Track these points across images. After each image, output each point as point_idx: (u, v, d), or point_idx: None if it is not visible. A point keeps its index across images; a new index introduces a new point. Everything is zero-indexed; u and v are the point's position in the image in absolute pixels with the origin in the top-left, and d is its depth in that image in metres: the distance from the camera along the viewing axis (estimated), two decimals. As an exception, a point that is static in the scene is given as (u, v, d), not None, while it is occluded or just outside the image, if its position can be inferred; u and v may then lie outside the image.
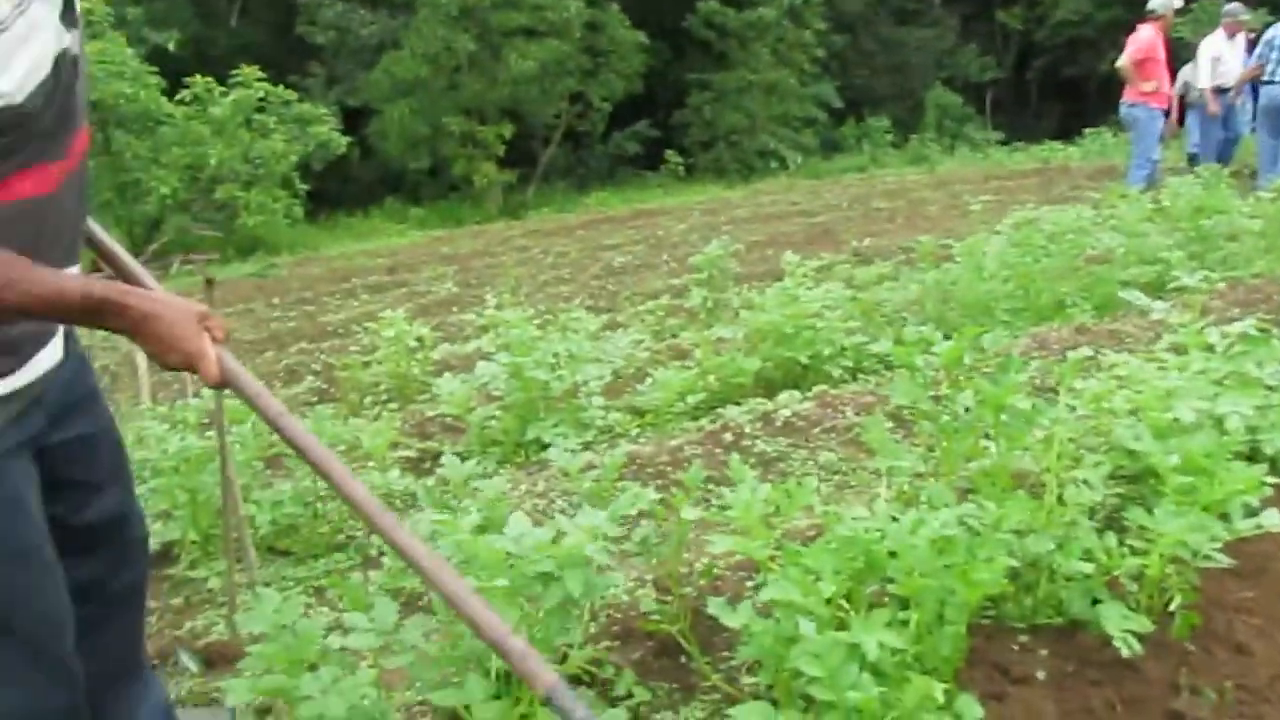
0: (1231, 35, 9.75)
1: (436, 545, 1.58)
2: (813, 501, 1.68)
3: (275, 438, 3.58)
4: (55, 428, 1.42)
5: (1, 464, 1.29)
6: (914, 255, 6.94)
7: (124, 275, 1.48)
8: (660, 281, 7.17)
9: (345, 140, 12.82)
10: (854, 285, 5.33)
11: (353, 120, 15.49)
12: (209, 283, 2.20)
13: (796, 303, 4.14)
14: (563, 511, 2.93)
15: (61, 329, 1.41)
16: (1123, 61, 9.17)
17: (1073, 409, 2.51)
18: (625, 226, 10.89)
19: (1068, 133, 18.61)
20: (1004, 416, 1.95)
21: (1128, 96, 9.34)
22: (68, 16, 1.26)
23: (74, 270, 1.35)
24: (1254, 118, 9.75)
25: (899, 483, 2.17)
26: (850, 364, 4.15)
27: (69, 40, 1.26)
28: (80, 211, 1.40)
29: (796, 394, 3.79)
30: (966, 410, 2.00)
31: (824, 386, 3.87)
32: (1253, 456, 2.36)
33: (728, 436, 3.40)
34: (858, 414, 3.58)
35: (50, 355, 1.38)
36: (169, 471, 2.75)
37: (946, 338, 4.46)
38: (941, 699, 1.43)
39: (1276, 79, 8.68)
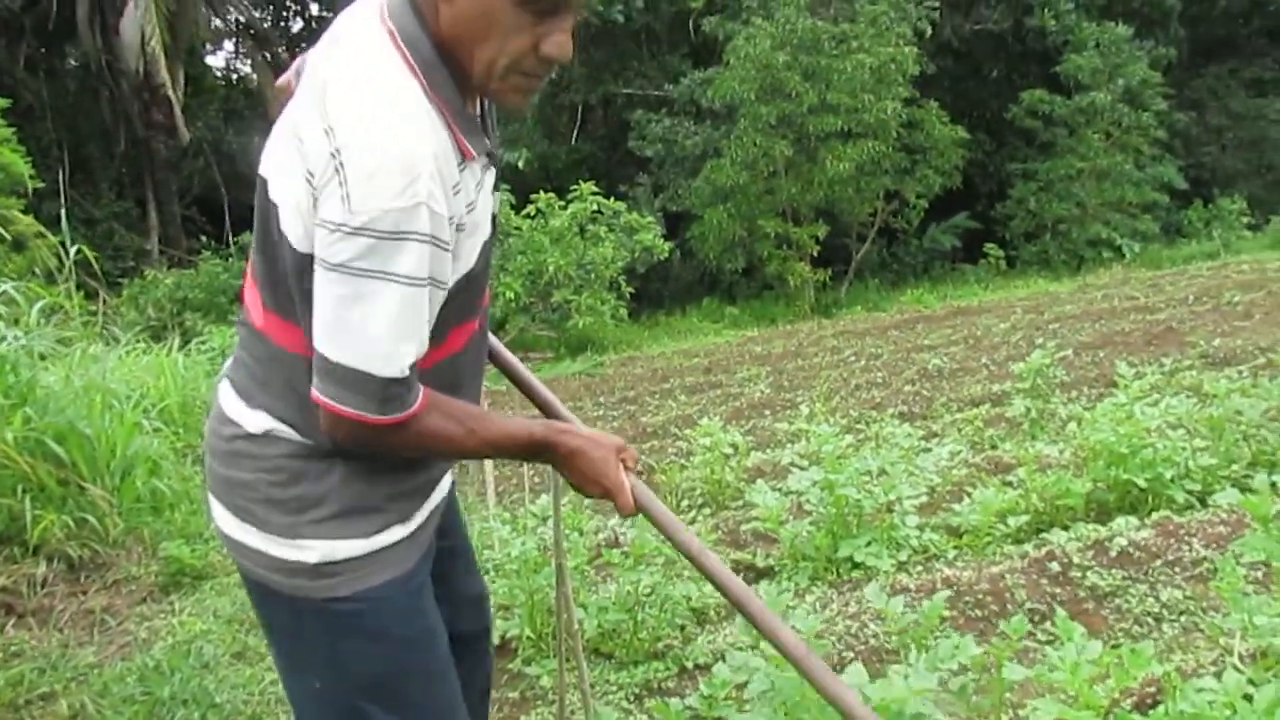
0: None
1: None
2: (1146, 669, 1.59)
3: (601, 541, 3.89)
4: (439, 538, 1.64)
5: (423, 597, 1.52)
6: (1275, 358, 6.21)
7: (536, 401, 1.72)
8: (979, 387, 6.92)
9: (667, 245, 13.65)
10: (1202, 395, 4.88)
11: (674, 224, 16.50)
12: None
13: (1132, 419, 3.87)
14: (875, 637, 2.93)
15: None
16: None
17: None
18: (941, 325, 10.63)
19: None
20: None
21: None
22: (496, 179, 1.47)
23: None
24: None
25: (1257, 644, 1.99)
26: (1198, 487, 3.79)
27: (496, 203, 1.49)
28: (484, 353, 1.62)
29: (1134, 520, 3.53)
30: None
31: (1166, 513, 3.57)
32: None
33: (1054, 566, 3.23)
34: (1207, 547, 3.28)
35: (444, 488, 1.64)
36: (510, 573, 3.08)
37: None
38: None
39: None
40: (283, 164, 1.31)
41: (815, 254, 15.10)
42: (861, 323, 12.04)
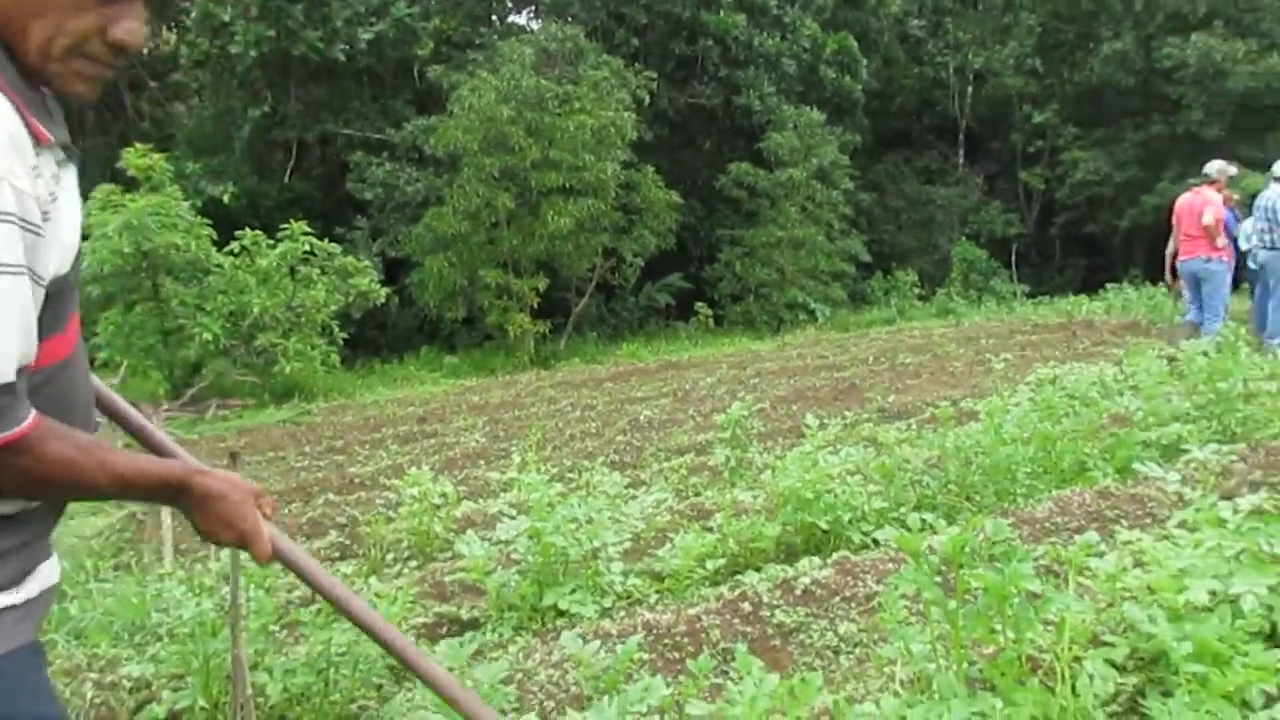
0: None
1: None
2: (816, 699, 1.68)
3: (288, 599, 3.62)
4: None
5: (42, 677, 1.32)
6: (938, 412, 6.98)
7: (151, 445, 1.57)
8: (685, 437, 7.23)
9: (385, 291, 13.27)
10: (877, 445, 5.37)
11: (394, 270, 16.10)
12: (233, 456, 2.29)
13: (816, 467, 4.18)
14: (576, 684, 2.92)
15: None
16: (1209, 219, 9.49)
17: (1083, 590, 2.50)
18: (654, 378, 11.05)
19: (1090, 287, 18.90)
20: (1012, 604, 1.96)
21: (1202, 252, 9.62)
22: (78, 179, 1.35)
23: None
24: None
25: (914, 669, 2.16)
26: (872, 528, 4.14)
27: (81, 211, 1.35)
28: (89, 382, 1.44)
29: (817, 560, 3.79)
30: (971, 598, 2.01)
31: (845, 553, 3.86)
32: (1271, 636, 2.33)
33: (746, 606, 3.38)
34: (878, 582, 3.56)
35: (53, 571, 1.37)
36: (183, 637, 2.79)
37: (968, 500, 4.49)
38: None
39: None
40: None
41: (535, 306, 15.29)
42: (579, 374, 12.27)
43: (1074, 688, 1.97)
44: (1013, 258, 23.24)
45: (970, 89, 25.03)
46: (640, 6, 18.24)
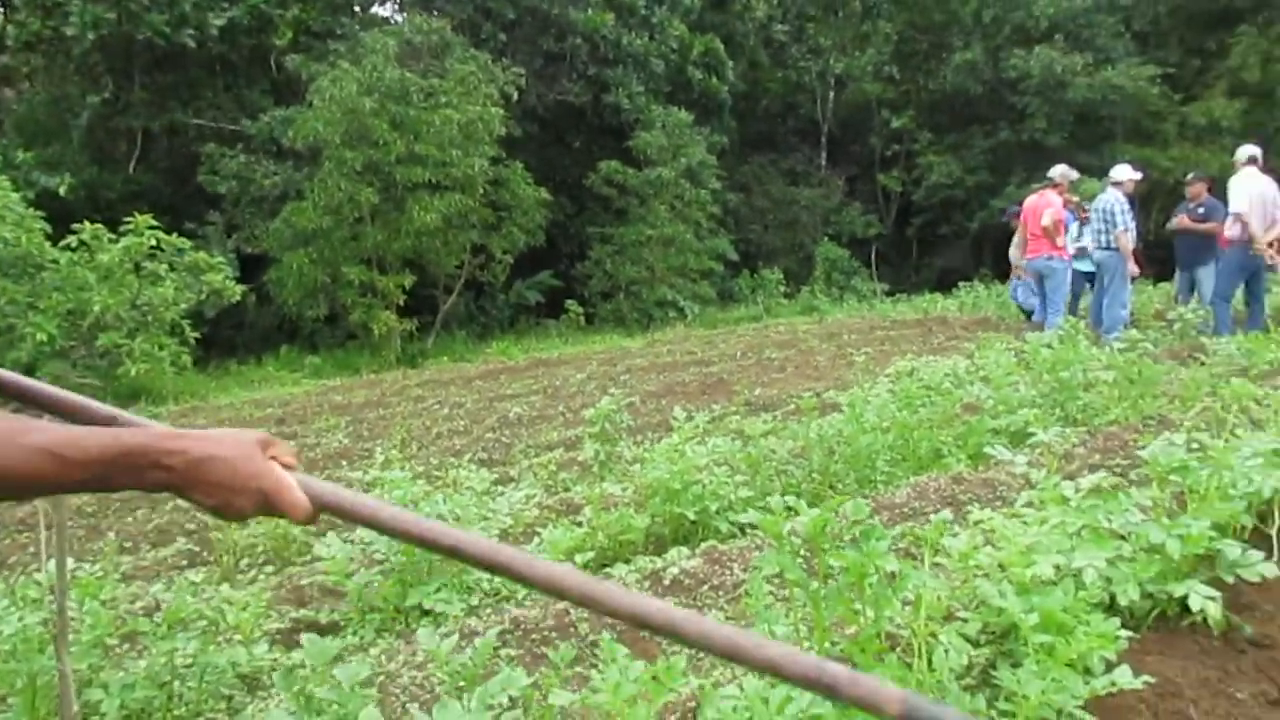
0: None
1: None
2: (679, 681, 1.67)
3: (129, 610, 3.39)
4: None
5: None
6: (802, 404, 7.15)
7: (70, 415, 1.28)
8: (556, 433, 7.17)
9: (240, 288, 12.69)
10: (744, 437, 5.44)
11: (251, 267, 15.41)
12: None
13: (684, 458, 4.20)
14: (441, 683, 2.83)
15: None
16: (1047, 221, 9.99)
17: (939, 569, 2.58)
18: (524, 376, 10.94)
19: (945, 285, 19.79)
20: (870, 582, 1.99)
21: (1044, 251, 10.15)
22: None
23: None
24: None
25: (776, 649, 2.18)
26: (739, 518, 4.19)
27: None
28: None
29: (685, 551, 3.80)
30: (832, 578, 2.04)
31: (712, 542, 3.89)
32: (1111, 606, 2.46)
33: (614, 597, 3.35)
34: (745, 570, 3.60)
35: None
36: (5, 655, 2.57)
37: (831, 488, 4.60)
38: None
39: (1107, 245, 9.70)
40: None
41: (402, 303, 14.92)
42: (447, 373, 12.03)
43: (930, 661, 2.01)
44: (872, 257, 24.10)
45: (832, 94, 25.83)
46: (507, 2, 18.06)
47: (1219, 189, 10.01)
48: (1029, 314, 11.72)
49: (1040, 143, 22.10)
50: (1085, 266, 10.88)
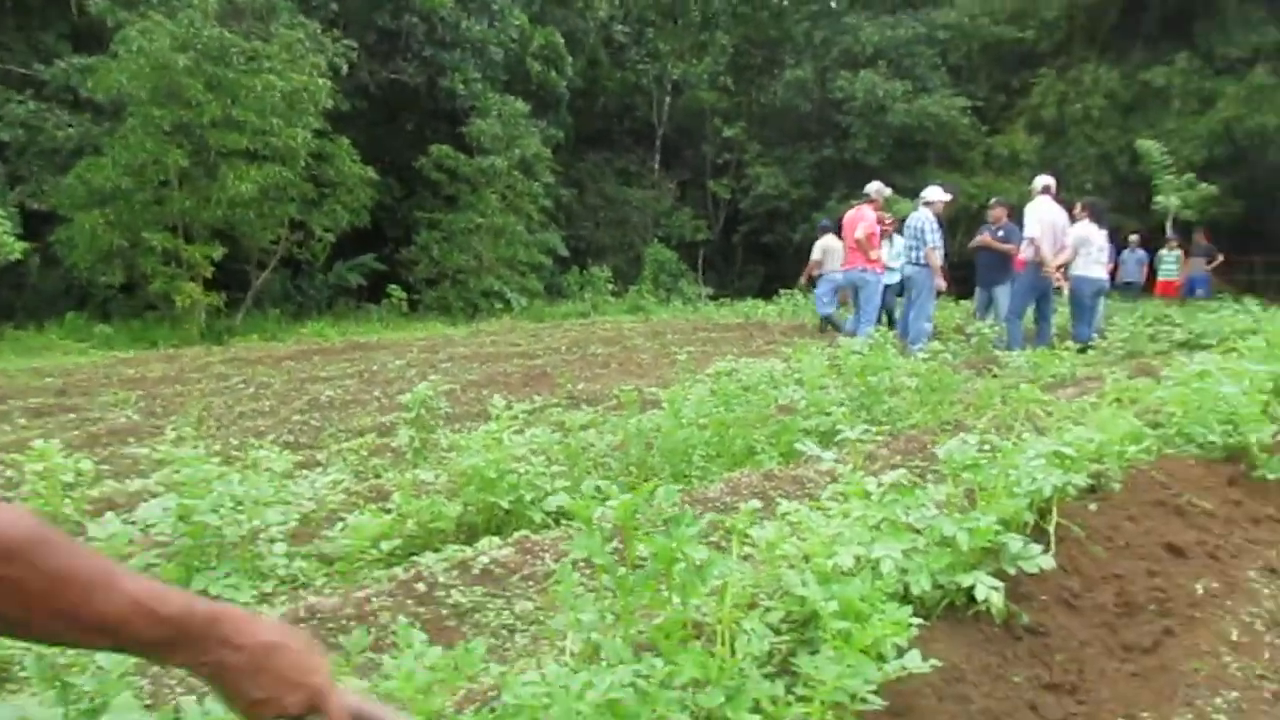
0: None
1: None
2: (479, 667, 1.59)
3: None
4: None
5: None
6: (624, 399, 7.18)
7: None
8: (369, 418, 6.90)
9: (21, 245, 11.58)
10: (564, 428, 5.40)
11: (36, 224, 14.03)
12: None
13: (501, 446, 4.11)
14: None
15: None
16: (860, 234, 10.39)
17: (747, 558, 2.61)
18: (339, 359, 10.50)
19: (767, 292, 20.47)
20: (678, 570, 1.98)
21: (858, 263, 10.56)
22: None
23: None
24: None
25: (583, 638, 2.14)
26: (554, 509, 4.13)
27: None
28: None
29: (496, 540, 3.71)
30: (641, 564, 2.01)
31: (525, 532, 3.82)
32: (905, 597, 2.56)
33: (421, 586, 3.23)
34: (558, 560, 3.55)
35: None
36: None
37: (647, 481, 4.62)
38: None
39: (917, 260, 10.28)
40: None
41: (210, 276, 14.01)
42: (256, 351, 11.39)
43: (732, 648, 2.02)
44: (700, 262, 24.65)
45: (668, 98, 26.23)
46: (341, -30, 17.36)
47: (1017, 215, 10.77)
48: (825, 321, 12.37)
49: (861, 161, 23.23)
50: (892, 279, 11.52)
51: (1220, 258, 19.90)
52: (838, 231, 12.42)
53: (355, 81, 17.23)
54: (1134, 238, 19.53)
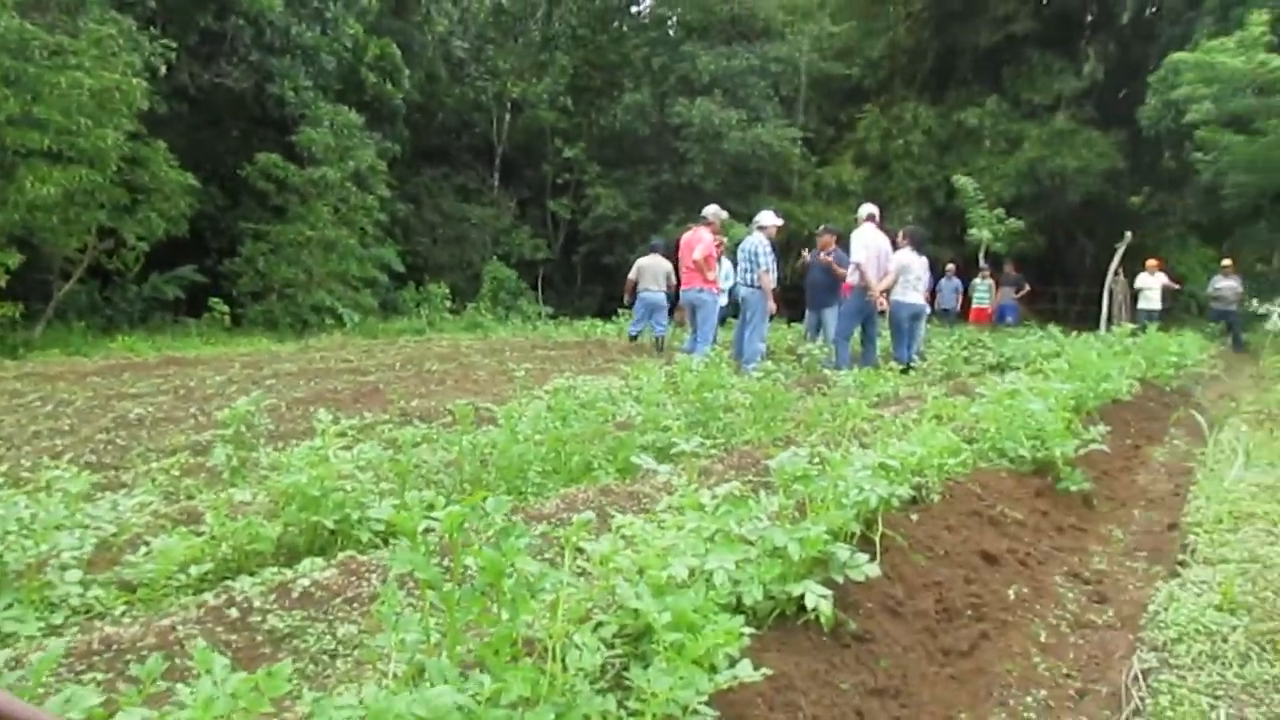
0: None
1: None
2: (285, 690, 1.48)
3: None
4: None
5: None
6: (458, 414, 7.02)
7: None
8: (183, 436, 6.47)
9: None
10: (395, 446, 5.21)
11: None
12: None
13: (326, 463, 3.92)
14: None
15: None
16: (698, 255, 10.56)
17: (582, 572, 2.57)
18: (152, 374, 9.82)
19: (606, 312, 20.62)
20: (508, 583, 1.91)
21: (695, 284, 10.76)
22: None
23: None
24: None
25: (406, 658, 2.03)
26: (383, 528, 3.96)
27: None
28: None
29: (320, 561, 3.52)
30: (468, 579, 1.94)
31: (351, 553, 3.64)
32: (738, 607, 2.58)
33: (234, 612, 3.02)
34: (385, 581, 3.40)
35: None
36: None
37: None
38: None
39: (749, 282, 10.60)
40: None
41: (4, 285, 12.84)
42: (57, 366, 10.51)
43: (564, 664, 1.97)
44: (539, 280, 24.56)
45: (508, 116, 26.10)
46: (159, -35, 16.39)
47: (844, 242, 11.26)
48: (633, 340, 12.81)
49: (698, 186, 23.78)
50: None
51: (1028, 288, 21.51)
52: (667, 253, 12.77)
53: (174, 83, 16.29)
54: (950, 267, 20.90)
